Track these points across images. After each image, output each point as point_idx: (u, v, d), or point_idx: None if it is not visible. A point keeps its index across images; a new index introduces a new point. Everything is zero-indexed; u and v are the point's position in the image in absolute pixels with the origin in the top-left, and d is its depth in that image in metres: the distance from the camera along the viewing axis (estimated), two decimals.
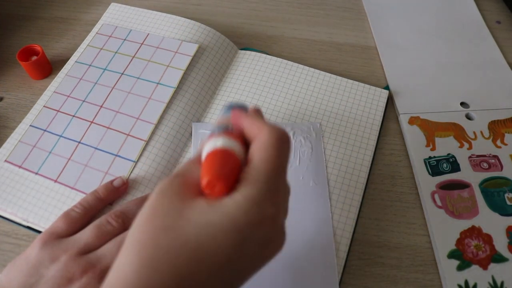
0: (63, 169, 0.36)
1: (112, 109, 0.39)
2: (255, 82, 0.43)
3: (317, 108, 0.42)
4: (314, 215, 0.35)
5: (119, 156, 0.37)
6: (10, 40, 0.49)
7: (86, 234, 0.30)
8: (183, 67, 0.42)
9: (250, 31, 0.51)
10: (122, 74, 0.41)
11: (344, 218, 0.35)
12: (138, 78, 0.41)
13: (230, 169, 0.21)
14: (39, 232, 0.34)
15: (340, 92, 0.43)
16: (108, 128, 0.38)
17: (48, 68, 0.45)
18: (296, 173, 0.37)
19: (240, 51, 0.47)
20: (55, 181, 0.36)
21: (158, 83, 0.41)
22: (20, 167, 0.36)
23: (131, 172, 0.36)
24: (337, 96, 0.43)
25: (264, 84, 0.43)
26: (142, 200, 0.33)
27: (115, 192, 0.34)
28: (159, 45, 0.43)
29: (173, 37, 0.45)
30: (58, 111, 0.39)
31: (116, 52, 0.43)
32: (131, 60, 0.42)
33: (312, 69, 0.44)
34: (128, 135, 0.38)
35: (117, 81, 0.41)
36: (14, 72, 0.46)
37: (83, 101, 0.40)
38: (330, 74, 0.44)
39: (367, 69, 0.47)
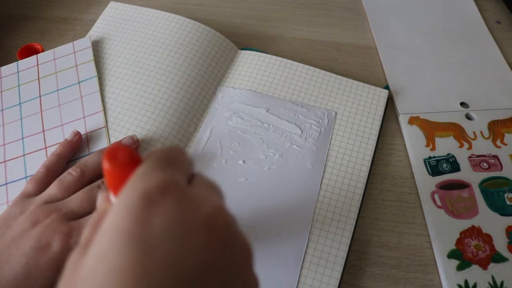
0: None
1: (55, 126, 0.39)
2: (255, 82, 0.43)
3: (317, 107, 0.42)
4: (301, 193, 0.36)
5: (93, 152, 0.37)
6: (11, 40, 0.49)
7: (50, 187, 0.32)
8: (90, 58, 0.43)
9: (250, 31, 0.51)
10: (40, 96, 0.41)
11: (344, 218, 0.35)
12: (57, 90, 0.41)
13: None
14: None
15: (340, 92, 0.43)
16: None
17: None
18: (298, 151, 0.39)
19: (240, 51, 0.47)
20: None
21: (79, 82, 0.41)
22: None
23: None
24: (337, 96, 0.43)
25: (264, 83, 0.43)
26: (100, 150, 0.36)
27: (70, 145, 0.36)
28: (55, 57, 0.43)
29: (173, 36, 0.45)
30: (4, 162, 0.38)
31: (18, 86, 0.42)
32: (39, 82, 0.42)
33: (312, 68, 0.44)
34: (86, 134, 0.38)
35: (41, 104, 0.40)
36: None
37: (22, 138, 0.39)
38: (330, 73, 0.44)
39: (367, 69, 0.47)
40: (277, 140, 0.39)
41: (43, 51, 0.44)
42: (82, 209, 0.31)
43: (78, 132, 0.37)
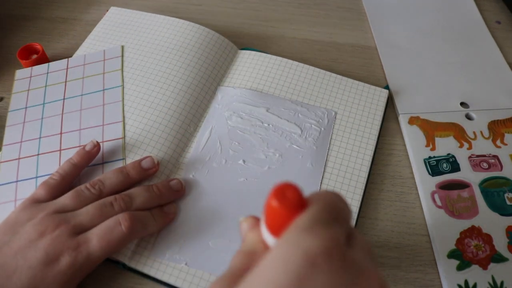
0: None
1: (73, 130, 0.39)
2: (254, 81, 0.43)
3: (317, 106, 0.42)
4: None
5: (106, 162, 0.37)
6: (11, 40, 0.49)
7: (65, 197, 0.32)
8: (118, 67, 0.43)
9: (250, 31, 0.51)
10: (64, 99, 0.41)
11: None
12: (81, 95, 0.41)
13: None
14: None
15: (340, 91, 0.43)
16: (79, 146, 0.38)
17: None
18: (298, 151, 0.39)
19: (240, 51, 0.47)
20: None
21: (103, 90, 0.41)
22: None
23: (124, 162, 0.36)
24: (337, 95, 0.43)
25: (264, 83, 0.43)
26: (119, 170, 0.34)
27: (87, 156, 0.35)
28: (85, 62, 0.44)
29: (173, 38, 0.45)
30: (18, 159, 0.38)
31: (45, 86, 0.42)
32: (65, 85, 0.42)
33: (312, 68, 0.44)
34: (103, 142, 0.38)
35: (63, 107, 0.41)
36: (15, 72, 0.46)
37: (39, 138, 0.39)
38: (330, 73, 0.44)
39: (367, 69, 0.47)
40: (277, 139, 0.39)
41: (43, 51, 0.44)
42: (91, 224, 0.30)
43: (98, 143, 0.36)
